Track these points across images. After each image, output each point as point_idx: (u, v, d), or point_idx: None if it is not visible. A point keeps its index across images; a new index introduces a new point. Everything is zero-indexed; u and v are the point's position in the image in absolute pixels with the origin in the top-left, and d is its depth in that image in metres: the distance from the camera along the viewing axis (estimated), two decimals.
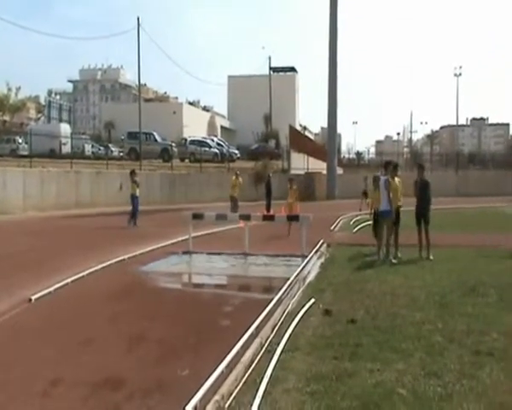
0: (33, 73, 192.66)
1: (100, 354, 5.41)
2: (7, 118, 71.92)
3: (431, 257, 10.86)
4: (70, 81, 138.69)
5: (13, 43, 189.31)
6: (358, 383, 4.50)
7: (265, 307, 6.72)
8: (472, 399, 4.20)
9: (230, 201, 21.54)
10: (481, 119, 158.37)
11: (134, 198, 18.09)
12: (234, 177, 22.33)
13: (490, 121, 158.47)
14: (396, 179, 11.26)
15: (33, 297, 7.49)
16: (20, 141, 38.06)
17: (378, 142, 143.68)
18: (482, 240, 13.35)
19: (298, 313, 6.72)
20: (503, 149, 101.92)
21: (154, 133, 42.52)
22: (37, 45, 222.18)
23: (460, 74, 73.06)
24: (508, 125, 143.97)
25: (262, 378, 4.57)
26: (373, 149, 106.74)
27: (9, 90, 71.90)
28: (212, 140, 48.93)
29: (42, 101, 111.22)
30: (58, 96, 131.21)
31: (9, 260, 10.80)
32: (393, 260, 10.60)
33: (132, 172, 19.18)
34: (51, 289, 7.98)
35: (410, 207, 11.38)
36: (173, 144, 42.38)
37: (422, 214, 11.18)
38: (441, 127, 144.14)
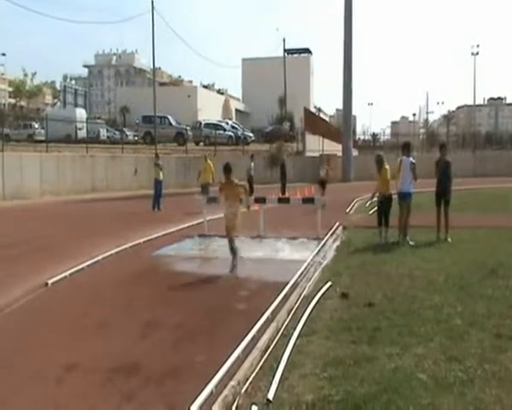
0: (49, 59, 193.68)
1: (115, 339, 5.40)
2: (23, 103, 72.43)
3: (449, 239, 10.68)
4: (85, 66, 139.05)
5: (27, 28, 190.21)
6: (377, 367, 4.42)
7: (281, 291, 6.66)
8: (494, 384, 4.10)
9: (201, 188, 18.26)
10: (499, 98, 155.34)
11: (157, 182, 18.00)
12: (204, 160, 19.35)
13: (508, 101, 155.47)
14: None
15: (50, 282, 7.53)
16: (37, 126, 38.32)
17: (394, 123, 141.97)
18: (501, 221, 13.10)
19: (314, 296, 6.65)
20: None
21: (169, 117, 42.45)
22: (52, 31, 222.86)
23: (477, 53, 71.51)
24: None
25: (278, 363, 4.51)
26: (388, 131, 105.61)
27: (25, 75, 72.35)
28: (227, 123, 48.69)
29: (57, 86, 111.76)
30: (73, 82, 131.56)
31: (26, 245, 10.88)
32: (411, 242, 10.44)
33: (156, 156, 19.14)
34: (67, 273, 8.01)
35: (425, 188, 11.17)
36: (188, 128, 42.29)
37: (443, 194, 10.98)
38: (458, 107, 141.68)
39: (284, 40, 64.64)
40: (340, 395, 3.92)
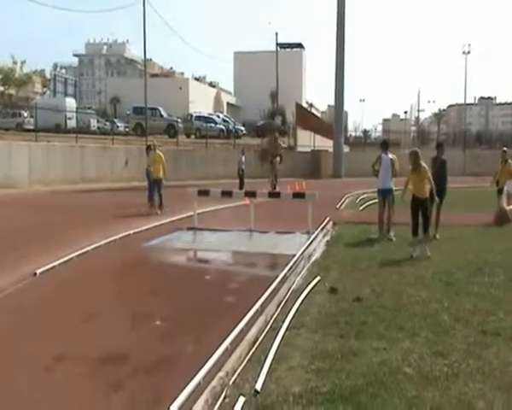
0: (38, 47, 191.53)
1: (103, 330, 5.40)
2: (12, 92, 71.66)
3: (437, 236, 10.78)
4: (75, 55, 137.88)
5: (16, 15, 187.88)
6: (364, 361, 4.47)
7: (270, 284, 6.69)
8: (478, 379, 4.16)
9: (149, 184, 15.83)
10: (489, 98, 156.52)
11: (150, 173, 17.88)
12: (153, 150, 16.39)
13: (498, 100, 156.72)
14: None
15: (38, 271, 7.49)
16: (26, 115, 37.93)
17: (385, 120, 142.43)
18: (489, 219, 13.24)
19: (303, 290, 6.70)
20: (511, 129, 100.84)
21: (160, 109, 42.24)
22: (41, 18, 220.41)
23: (468, 52, 71.75)
24: None
25: (267, 355, 4.55)
26: (380, 128, 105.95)
27: (14, 63, 71.42)
28: (218, 116, 48.61)
29: (47, 75, 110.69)
30: (63, 71, 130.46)
31: (15, 234, 10.80)
32: (393, 239, 10.59)
33: (148, 147, 18.91)
34: (56, 263, 7.98)
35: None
36: (179, 120, 42.13)
37: (438, 192, 11.08)
38: (449, 106, 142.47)
39: (277, 34, 64.19)
40: (327, 387, 3.97)
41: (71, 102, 41.60)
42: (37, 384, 4.11)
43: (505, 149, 15.34)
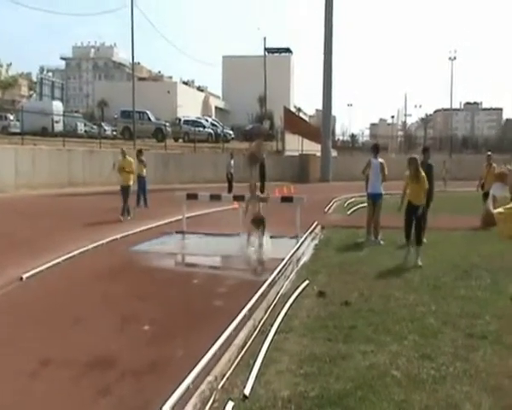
0: (25, 50, 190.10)
1: (91, 334, 5.35)
2: None
3: (424, 240, 10.83)
4: (63, 58, 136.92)
5: (3, 18, 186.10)
6: (352, 365, 4.48)
7: (259, 289, 6.69)
8: (465, 381, 4.20)
9: (121, 192, 14.72)
10: (475, 103, 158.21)
11: (141, 178, 17.86)
12: (122, 156, 15.46)
13: (483, 106, 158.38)
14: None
15: (24, 276, 7.42)
16: (12, 118, 37.58)
17: (372, 125, 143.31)
18: (475, 223, 13.33)
19: (292, 294, 6.70)
20: (496, 134, 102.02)
21: (148, 112, 42.10)
22: (28, 21, 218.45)
23: (455, 58, 72.38)
24: (501, 109, 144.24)
25: (255, 360, 4.54)
26: (367, 132, 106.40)
27: (0, 66, 70.87)
28: (207, 120, 48.57)
29: (34, 78, 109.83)
30: (50, 74, 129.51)
31: (1, 238, 10.68)
32: (382, 242, 10.67)
33: (139, 152, 18.82)
34: (43, 267, 7.91)
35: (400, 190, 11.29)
36: (167, 124, 42.03)
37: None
38: (435, 111, 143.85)
39: (265, 39, 64.65)
40: (315, 391, 3.97)
41: (58, 106, 41.21)
42: (23, 388, 4.06)
43: (489, 153, 15.51)
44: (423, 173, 9.00)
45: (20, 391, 4.03)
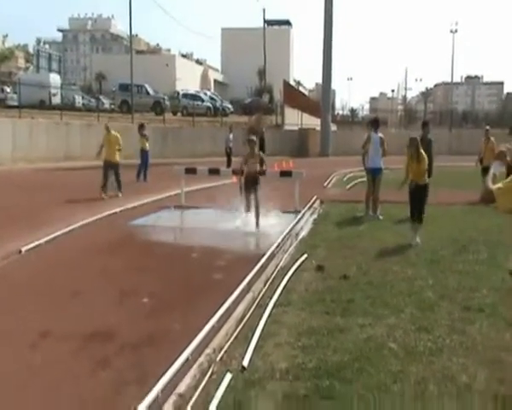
0: (21, 21, 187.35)
1: (90, 307, 5.38)
2: None
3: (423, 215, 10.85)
4: (59, 30, 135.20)
5: None
6: (349, 337, 4.52)
7: (258, 262, 6.71)
8: (461, 354, 4.24)
9: (104, 166, 13.68)
10: (476, 77, 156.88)
11: (143, 152, 17.81)
12: (107, 131, 14.36)
13: (484, 80, 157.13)
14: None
15: (23, 249, 7.43)
16: (9, 91, 37.25)
17: (372, 99, 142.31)
18: (474, 197, 13.34)
19: (290, 268, 6.73)
20: (497, 108, 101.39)
21: (146, 86, 41.72)
22: None
23: (456, 31, 71.29)
24: (502, 83, 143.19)
25: (254, 333, 4.58)
26: (367, 106, 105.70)
27: None
28: (205, 94, 48.13)
29: (30, 50, 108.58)
30: (47, 46, 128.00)
31: (0, 211, 10.67)
32: (380, 217, 10.66)
33: (141, 126, 18.69)
34: (42, 241, 7.91)
35: (400, 164, 11.22)
36: (165, 97, 41.68)
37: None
38: (435, 85, 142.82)
39: (264, 10, 63.42)
40: (313, 363, 4.01)
41: (55, 78, 40.75)
42: (22, 360, 4.10)
43: (488, 127, 15.43)
44: (424, 154, 8.85)
45: (19, 363, 4.06)
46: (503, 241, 7.61)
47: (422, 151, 8.86)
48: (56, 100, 34.06)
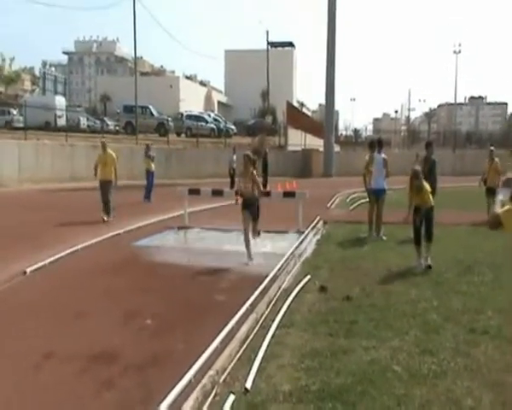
0: (27, 44, 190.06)
1: (94, 328, 5.39)
2: (1, 89, 71.12)
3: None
4: (65, 53, 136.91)
5: (4, 12, 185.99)
6: (353, 360, 4.50)
7: (261, 283, 6.71)
8: (466, 377, 4.21)
9: (100, 186, 13.26)
10: (479, 97, 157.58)
11: (149, 173, 17.93)
12: (103, 149, 13.79)
13: (488, 100, 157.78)
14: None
15: (28, 270, 7.46)
16: (15, 113, 37.62)
17: (376, 119, 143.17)
18: (478, 218, 13.34)
19: (293, 289, 6.72)
20: (501, 129, 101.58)
21: (151, 107, 42.13)
22: (30, 14, 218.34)
23: (459, 52, 72.10)
24: (506, 104, 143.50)
25: (257, 354, 4.56)
26: (370, 127, 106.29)
27: (3, 60, 70.92)
28: (209, 115, 48.54)
29: (36, 72, 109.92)
30: (53, 68, 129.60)
31: (5, 232, 10.73)
32: (384, 238, 10.66)
33: (147, 147, 18.88)
34: (46, 262, 7.95)
35: (404, 185, 11.22)
36: (169, 119, 42.04)
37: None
38: (439, 105, 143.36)
39: (268, 33, 64.08)
40: (316, 385, 3.99)
41: (60, 100, 41.22)
42: (26, 381, 4.09)
43: (492, 148, 15.45)
44: (427, 186, 8.64)
45: (23, 384, 4.06)
46: (507, 262, 7.59)
47: (426, 185, 8.66)
48: (62, 122, 34.42)
